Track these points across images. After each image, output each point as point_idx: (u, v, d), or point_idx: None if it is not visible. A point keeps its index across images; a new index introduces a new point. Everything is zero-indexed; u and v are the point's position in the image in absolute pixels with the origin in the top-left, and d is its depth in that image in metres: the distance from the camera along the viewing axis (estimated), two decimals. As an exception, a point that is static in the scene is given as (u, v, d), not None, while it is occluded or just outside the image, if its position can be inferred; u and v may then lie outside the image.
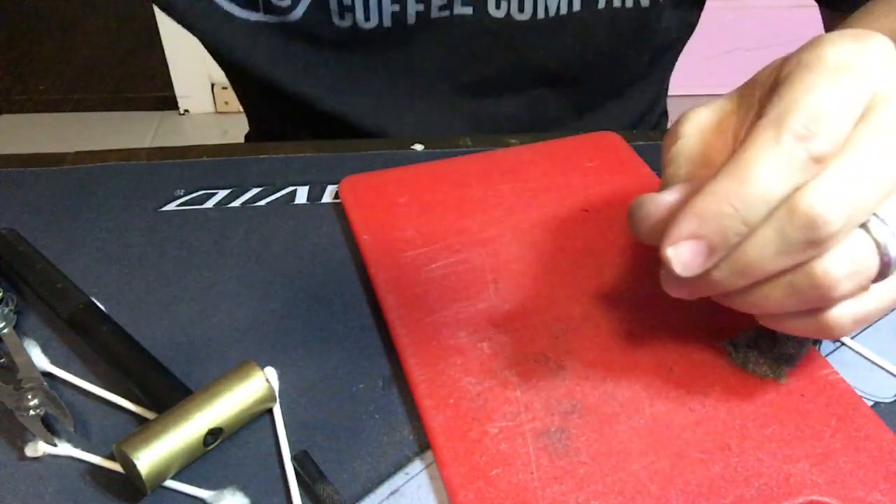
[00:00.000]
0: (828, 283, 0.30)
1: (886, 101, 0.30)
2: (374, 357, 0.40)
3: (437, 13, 0.58)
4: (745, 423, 0.36)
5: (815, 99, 0.29)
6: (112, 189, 0.52)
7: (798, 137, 0.29)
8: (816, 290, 0.30)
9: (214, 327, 0.42)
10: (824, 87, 0.29)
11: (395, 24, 0.58)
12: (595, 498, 0.33)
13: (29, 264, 0.44)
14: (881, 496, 0.33)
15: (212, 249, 0.47)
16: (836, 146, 0.29)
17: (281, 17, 0.58)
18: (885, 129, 0.30)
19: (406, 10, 0.57)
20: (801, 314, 0.32)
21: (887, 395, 0.39)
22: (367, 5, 0.56)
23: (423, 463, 0.36)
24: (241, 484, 0.35)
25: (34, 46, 2.55)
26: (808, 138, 0.29)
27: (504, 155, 0.54)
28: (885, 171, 0.30)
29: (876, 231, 0.30)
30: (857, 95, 0.30)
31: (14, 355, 0.39)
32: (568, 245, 0.46)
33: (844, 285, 0.30)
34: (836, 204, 0.29)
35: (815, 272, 0.30)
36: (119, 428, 0.37)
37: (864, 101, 0.30)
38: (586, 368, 0.38)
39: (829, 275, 0.30)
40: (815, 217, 0.29)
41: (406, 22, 0.58)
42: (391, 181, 0.51)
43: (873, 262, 0.30)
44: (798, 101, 0.29)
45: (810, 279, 0.30)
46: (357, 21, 0.57)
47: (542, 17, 0.58)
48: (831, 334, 0.32)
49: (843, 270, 0.30)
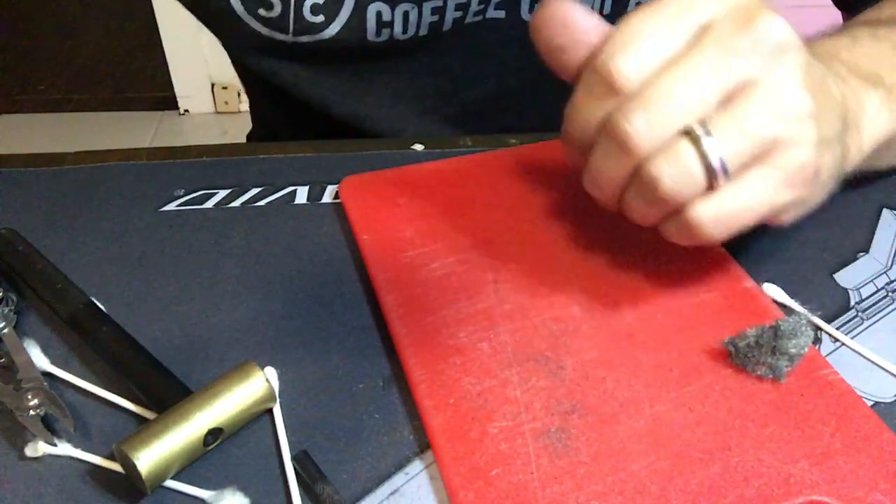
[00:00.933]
0: (655, 184, 0.35)
1: (716, 25, 0.34)
2: (374, 357, 0.40)
3: (472, 17, 0.57)
4: (745, 423, 0.36)
5: (634, 25, 0.35)
6: (112, 189, 0.52)
7: (608, 57, 0.35)
8: (652, 193, 0.35)
9: (214, 327, 0.42)
10: (645, 16, 0.35)
11: (431, 32, 0.57)
12: (595, 498, 0.33)
13: (29, 264, 0.44)
14: (881, 496, 0.33)
15: (212, 249, 0.47)
16: (644, 64, 0.34)
17: (312, 36, 0.56)
18: (711, 47, 0.34)
19: (444, 19, 0.56)
20: (667, 219, 0.37)
21: (887, 395, 0.39)
22: (407, 20, 0.56)
23: (423, 463, 0.36)
24: (241, 484, 0.35)
25: (34, 46, 2.55)
26: (614, 56, 0.34)
27: (504, 155, 0.54)
28: (704, 81, 0.34)
29: (700, 139, 0.34)
30: (679, 21, 0.35)
31: (14, 355, 0.39)
32: (568, 245, 0.46)
33: (671, 186, 0.34)
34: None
35: (643, 175, 0.35)
36: (119, 428, 0.37)
37: (690, 28, 0.35)
38: (586, 368, 0.38)
39: (653, 175, 0.34)
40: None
41: (442, 29, 0.57)
42: (391, 181, 0.51)
43: (696, 167, 0.34)
44: (620, 27, 0.35)
45: (643, 183, 0.35)
46: (394, 34, 0.57)
47: None
48: (699, 233, 0.36)
49: (668, 173, 0.34)
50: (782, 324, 0.37)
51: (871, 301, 0.44)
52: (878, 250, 0.47)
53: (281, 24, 0.55)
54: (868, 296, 0.44)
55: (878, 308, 0.44)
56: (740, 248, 0.47)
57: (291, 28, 0.56)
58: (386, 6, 0.55)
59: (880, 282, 0.45)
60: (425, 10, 0.55)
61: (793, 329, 0.37)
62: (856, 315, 0.43)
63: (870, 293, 0.44)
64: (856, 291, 0.45)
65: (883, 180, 0.53)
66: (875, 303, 0.44)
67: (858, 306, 0.44)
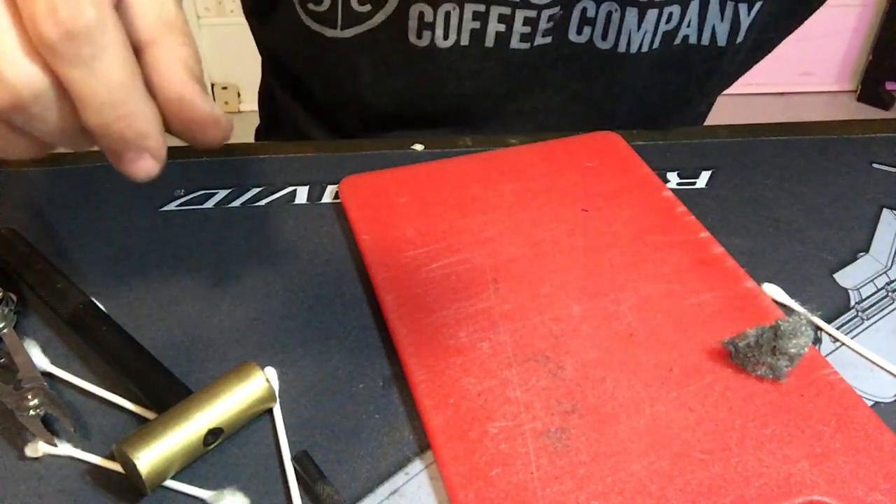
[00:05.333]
0: None
1: None
2: (374, 357, 0.40)
3: (518, 44, 0.56)
4: (745, 423, 0.36)
5: None
6: (112, 189, 0.52)
7: None
8: None
9: (214, 327, 0.42)
10: None
11: (473, 43, 0.56)
12: (595, 498, 0.33)
13: (29, 264, 0.44)
14: (881, 496, 0.33)
15: (212, 249, 0.47)
16: None
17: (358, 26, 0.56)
18: None
19: (486, 30, 0.55)
20: None
21: (887, 395, 0.39)
22: (448, 22, 0.55)
23: (423, 463, 0.36)
24: (241, 484, 0.35)
25: (34, 46, 2.54)
26: None
27: (504, 155, 0.54)
28: None
29: None
30: None
31: (14, 355, 0.39)
32: (568, 245, 0.46)
33: None
34: None
35: None
36: (119, 428, 0.37)
37: None
38: (586, 368, 0.38)
39: None
40: None
41: (485, 42, 0.56)
42: (391, 181, 0.51)
43: None
44: None
45: None
46: (435, 39, 0.56)
47: (623, 51, 0.57)
48: None
49: None
50: (782, 324, 0.37)
51: (871, 301, 0.44)
52: (878, 250, 0.47)
53: (330, 16, 0.56)
54: (868, 296, 0.44)
55: (878, 308, 0.44)
56: (740, 248, 0.47)
57: (340, 23, 0.56)
58: (429, 7, 0.54)
59: (880, 282, 0.45)
60: (466, 12, 0.54)
61: (793, 329, 0.37)
62: (856, 315, 0.43)
63: (870, 293, 0.44)
64: (856, 291, 0.45)
65: (883, 180, 0.53)
66: (875, 303, 0.44)
67: (858, 306, 0.44)
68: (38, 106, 0.28)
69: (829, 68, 2.30)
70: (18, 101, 0.28)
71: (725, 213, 0.50)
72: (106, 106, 0.28)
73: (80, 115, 0.29)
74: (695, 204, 0.49)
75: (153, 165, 0.31)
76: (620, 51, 0.57)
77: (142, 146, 0.30)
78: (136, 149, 0.30)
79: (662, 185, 0.51)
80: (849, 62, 2.30)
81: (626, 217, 0.48)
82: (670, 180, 0.53)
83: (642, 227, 0.47)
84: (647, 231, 0.47)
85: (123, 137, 0.29)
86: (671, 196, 0.49)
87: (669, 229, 0.47)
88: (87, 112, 0.28)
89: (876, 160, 0.55)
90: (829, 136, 0.58)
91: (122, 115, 0.29)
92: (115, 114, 0.28)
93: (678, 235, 0.46)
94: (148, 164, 0.31)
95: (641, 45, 0.57)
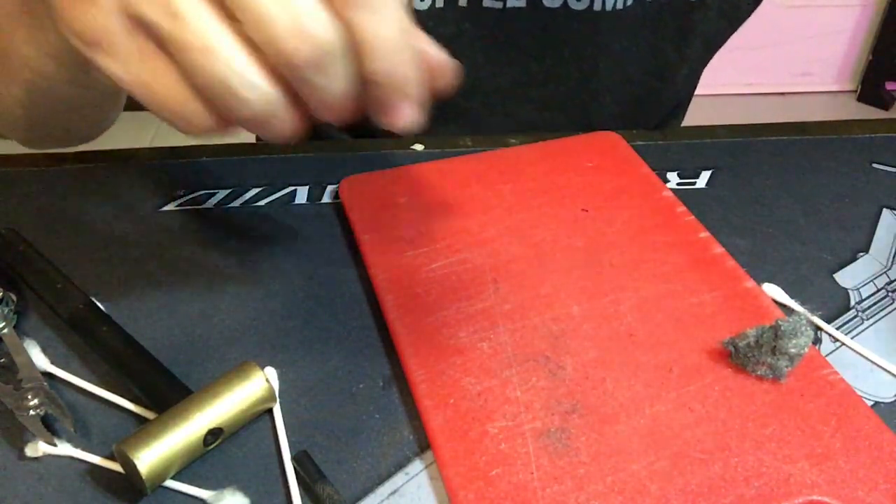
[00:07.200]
0: None
1: None
2: (374, 357, 0.40)
3: (490, 2, 0.57)
4: (744, 423, 0.36)
5: None
6: (112, 189, 0.52)
7: None
8: None
9: (214, 327, 0.42)
10: None
11: (447, 6, 0.56)
12: (595, 498, 0.33)
13: (29, 264, 0.44)
14: (881, 496, 0.33)
15: (212, 249, 0.47)
16: None
17: None
18: None
19: None
20: None
21: (887, 395, 0.39)
22: None
23: (423, 463, 0.36)
24: (241, 484, 0.35)
25: (34, 46, 2.55)
26: None
27: (504, 155, 0.54)
28: None
29: None
30: None
31: (14, 355, 0.39)
32: (568, 245, 0.46)
33: None
34: None
35: None
36: (119, 428, 0.37)
37: None
38: (586, 368, 0.38)
39: None
40: None
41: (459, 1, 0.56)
42: (391, 181, 0.51)
43: None
44: None
45: None
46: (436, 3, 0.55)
47: (599, 9, 0.58)
48: None
49: None
50: (782, 324, 0.37)
51: (871, 301, 0.44)
52: (878, 250, 0.47)
53: None
54: (868, 296, 0.44)
55: (878, 308, 0.44)
56: (740, 248, 0.47)
57: None
58: None
59: (880, 282, 0.45)
60: None
61: (793, 329, 0.37)
62: (856, 315, 0.43)
63: (870, 293, 0.44)
64: (856, 291, 0.45)
65: (883, 180, 0.53)
66: (875, 303, 0.44)
67: (858, 306, 0.44)
68: (330, 57, 0.28)
69: (829, 68, 2.30)
70: (319, 53, 0.28)
71: (725, 213, 0.50)
72: (393, 50, 0.29)
73: (365, 65, 0.29)
74: (695, 204, 0.49)
75: (418, 114, 0.31)
76: (596, 9, 0.58)
77: (413, 93, 0.30)
78: (409, 96, 0.30)
79: (662, 185, 0.51)
80: (849, 62, 2.30)
81: (626, 217, 0.48)
82: (670, 180, 0.53)
83: (642, 227, 0.47)
84: (647, 231, 0.47)
85: (406, 81, 0.30)
86: (671, 196, 0.49)
87: (669, 229, 0.47)
88: (375, 56, 0.29)
89: (876, 160, 0.55)
90: (829, 136, 0.58)
91: (406, 59, 0.29)
92: (401, 57, 0.29)
93: (678, 235, 0.46)
94: (415, 111, 0.31)
95: (616, 3, 0.58)
